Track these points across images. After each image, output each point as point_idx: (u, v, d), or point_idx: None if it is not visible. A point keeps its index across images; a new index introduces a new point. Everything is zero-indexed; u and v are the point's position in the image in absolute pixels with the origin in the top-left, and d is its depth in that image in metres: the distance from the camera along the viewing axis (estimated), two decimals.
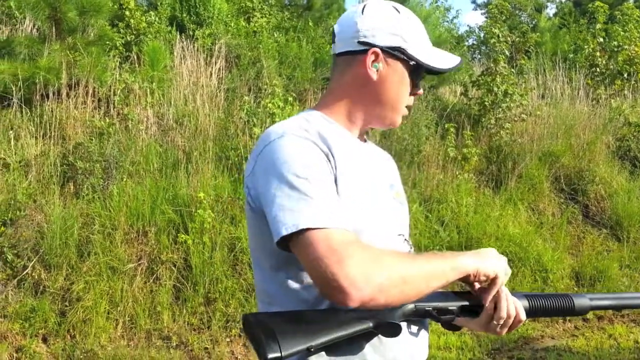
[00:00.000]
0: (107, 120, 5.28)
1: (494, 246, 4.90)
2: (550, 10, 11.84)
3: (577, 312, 1.31)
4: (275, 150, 1.15)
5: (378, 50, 1.26)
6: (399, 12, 1.29)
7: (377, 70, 1.27)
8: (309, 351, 1.03)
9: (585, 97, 6.91)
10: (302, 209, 1.06)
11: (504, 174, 5.86)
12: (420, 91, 1.34)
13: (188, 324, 4.26)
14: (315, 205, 1.07)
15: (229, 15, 6.75)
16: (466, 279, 1.18)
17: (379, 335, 1.13)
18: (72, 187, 4.88)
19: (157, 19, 6.37)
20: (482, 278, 1.18)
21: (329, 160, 1.16)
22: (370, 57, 1.26)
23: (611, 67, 7.15)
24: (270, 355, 0.99)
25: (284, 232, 1.06)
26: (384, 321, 1.10)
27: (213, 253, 4.47)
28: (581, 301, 1.30)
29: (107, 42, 5.87)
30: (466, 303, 1.23)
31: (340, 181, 1.16)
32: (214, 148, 5.24)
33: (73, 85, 5.44)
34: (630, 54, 7.06)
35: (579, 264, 5.27)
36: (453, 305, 1.22)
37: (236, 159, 5.15)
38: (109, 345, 4.10)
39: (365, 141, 1.35)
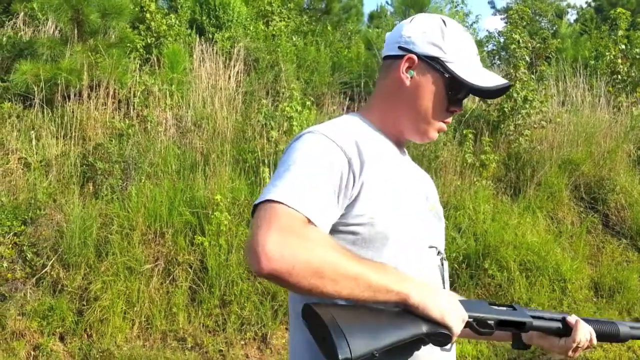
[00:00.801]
0: (127, 122, 5.34)
1: (512, 255, 4.88)
2: (571, 16, 11.76)
3: (621, 339, 1.39)
4: (297, 144, 1.18)
5: (414, 57, 1.26)
6: (445, 24, 1.28)
7: (411, 77, 1.27)
8: (373, 356, 1.01)
9: (607, 105, 6.82)
10: (278, 185, 1.09)
11: (523, 181, 5.80)
12: (460, 109, 1.31)
13: (203, 325, 4.28)
14: (290, 183, 1.09)
15: (248, 19, 6.79)
16: (404, 305, 1.09)
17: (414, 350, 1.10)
18: (91, 187, 4.93)
19: (177, 21, 6.43)
20: (425, 314, 1.08)
21: (352, 165, 1.16)
22: (405, 63, 1.27)
23: (633, 74, 7.04)
24: (342, 357, 0.98)
25: (256, 202, 1.08)
26: (436, 330, 1.07)
27: (229, 255, 4.49)
28: (624, 329, 1.38)
29: (128, 45, 5.94)
30: (507, 318, 1.21)
31: (367, 185, 1.16)
32: (231, 151, 5.26)
33: (94, 86, 5.50)
34: None
35: (598, 274, 5.20)
36: (492, 318, 1.19)
37: (253, 162, 5.16)
38: (125, 345, 4.13)
39: (404, 154, 1.36)
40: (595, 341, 1.34)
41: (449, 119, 1.33)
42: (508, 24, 7.02)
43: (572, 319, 1.33)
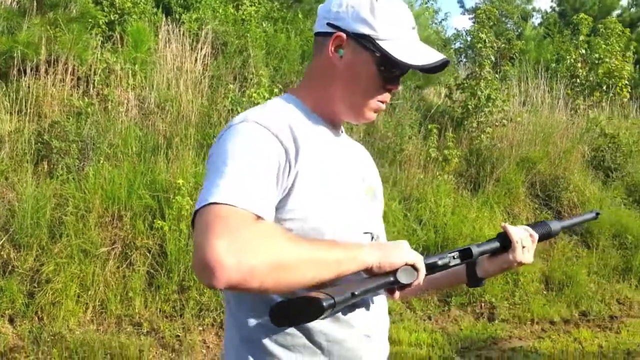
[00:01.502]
0: (86, 100, 5.17)
1: None
2: (536, 19, 12.02)
3: (554, 233, 1.45)
4: (229, 136, 1.10)
5: (343, 35, 1.17)
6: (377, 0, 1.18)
7: (340, 57, 1.18)
8: (353, 295, 1.04)
9: (565, 107, 7.04)
10: (219, 184, 1.01)
11: (483, 177, 5.93)
12: (397, 87, 1.23)
13: (160, 311, 4.21)
14: (232, 180, 1.02)
15: (217, 1, 6.65)
16: (369, 271, 1.09)
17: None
18: (46, 166, 4.77)
19: None
20: (387, 269, 1.09)
21: (288, 154, 1.10)
22: (334, 42, 1.17)
23: (591, 78, 7.29)
24: (326, 303, 0.98)
25: (195, 208, 1.01)
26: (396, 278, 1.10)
27: (189, 240, 4.42)
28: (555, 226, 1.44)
29: (90, 20, 5.74)
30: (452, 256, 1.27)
31: (301, 175, 1.10)
32: (195, 135, 5.18)
33: (52, 61, 5.31)
34: (610, 67, 7.20)
35: (549, 268, 5.38)
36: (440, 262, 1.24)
37: None
38: (78, 329, 4.02)
39: (339, 134, 1.27)
40: (536, 239, 1.37)
41: (387, 98, 1.24)
42: (475, 23, 7.14)
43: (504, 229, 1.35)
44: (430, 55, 1.18)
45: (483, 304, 4.91)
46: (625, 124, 7.36)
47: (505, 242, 1.34)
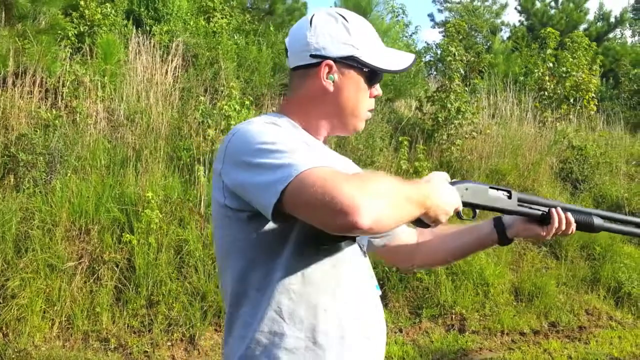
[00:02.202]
0: (54, 112, 5.10)
1: None
2: (505, 33, 12.27)
3: (595, 229, 1.54)
4: (242, 135, 1.18)
5: (331, 62, 1.26)
6: (347, 20, 1.28)
7: (332, 82, 1.28)
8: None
9: (533, 119, 7.17)
10: (284, 165, 1.08)
11: None
12: (379, 92, 1.35)
13: (128, 326, 4.15)
14: (293, 156, 1.09)
15: (188, 14, 6.65)
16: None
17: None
18: (12, 179, 4.68)
19: (113, 11, 6.19)
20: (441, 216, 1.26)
21: (304, 139, 1.22)
22: (324, 70, 1.27)
23: (559, 91, 7.44)
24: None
25: (280, 188, 1.06)
26: None
27: (158, 255, 4.37)
28: (598, 222, 1.53)
29: (59, 32, 5.68)
30: (497, 206, 1.45)
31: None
32: (165, 147, 5.14)
33: (20, 73, 5.23)
34: (577, 80, 7.36)
35: (519, 279, 5.44)
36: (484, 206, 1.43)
37: (188, 159, 5.06)
38: (44, 346, 3.94)
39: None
40: (574, 229, 1.46)
41: (373, 105, 1.36)
42: (445, 37, 7.25)
43: (553, 211, 1.45)
44: (404, 58, 1.33)
45: (454, 316, 4.93)
46: (592, 136, 7.52)
47: (546, 219, 1.46)
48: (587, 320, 5.34)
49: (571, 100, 7.36)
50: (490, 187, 1.44)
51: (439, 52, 8.19)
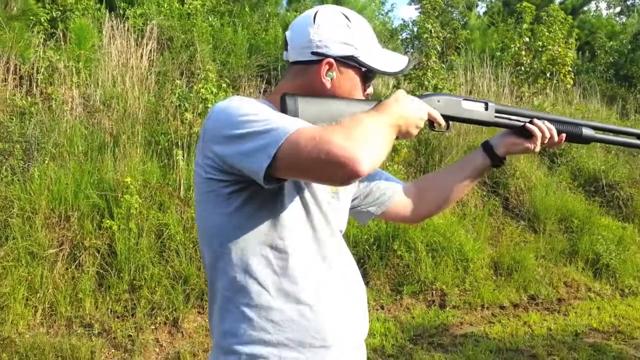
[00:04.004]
0: (29, 100, 5.05)
1: (419, 236, 5.08)
2: (481, 9, 12.25)
3: (583, 140, 1.56)
4: (223, 110, 1.22)
5: (332, 60, 1.31)
6: (349, 20, 1.34)
7: (331, 79, 1.33)
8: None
9: (510, 94, 7.22)
10: (270, 129, 1.13)
11: (432, 166, 6.05)
12: (371, 90, 1.42)
13: (111, 311, 4.17)
14: (276, 121, 1.14)
15: None
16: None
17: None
18: None
19: None
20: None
21: None
22: (324, 68, 1.32)
23: (535, 66, 7.48)
24: None
25: (272, 151, 1.11)
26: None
27: (139, 239, 4.38)
28: (587, 132, 1.54)
29: (31, 17, 5.59)
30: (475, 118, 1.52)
31: None
32: (143, 132, 5.11)
33: None
34: (553, 54, 7.41)
35: (498, 254, 5.53)
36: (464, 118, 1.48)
37: (166, 144, 5.05)
38: (27, 333, 3.95)
39: None
40: (557, 138, 1.53)
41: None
42: (421, 14, 7.24)
43: (534, 121, 1.53)
44: (399, 61, 1.40)
45: (434, 292, 5.02)
46: (569, 110, 7.60)
47: (526, 132, 1.50)
48: (565, 292, 5.45)
49: (548, 75, 7.41)
50: (465, 99, 1.46)
51: (415, 29, 8.18)
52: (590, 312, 5.08)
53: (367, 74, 1.36)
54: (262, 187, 1.18)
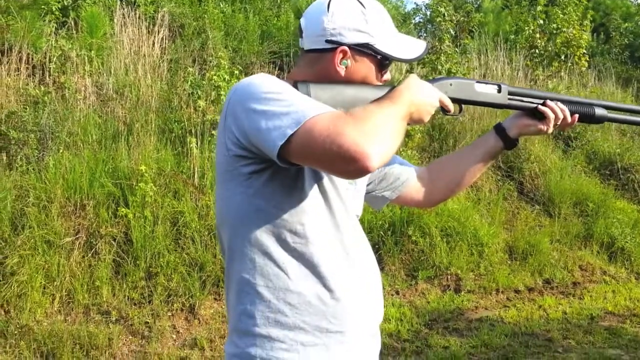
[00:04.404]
0: (43, 89, 5.07)
1: (434, 221, 5.07)
2: None
3: (596, 120, 1.54)
4: (247, 86, 1.21)
5: (346, 48, 1.30)
6: (364, 6, 1.31)
7: (345, 67, 1.31)
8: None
9: (524, 78, 7.13)
10: (290, 112, 1.12)
11: (446, 151, 6.02)
12: (388, 77, 1.39)
13: (128, 298, 4.21)
14: (298, 104, 1.14)
15: None
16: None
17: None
18: (4, 158, 4.67)
19: None
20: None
21: None
22: (338, 56, 1.30)
23: (549, 48, 7.38)
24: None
25: (289, 132, 1.10)
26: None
27: (155, 227, 4.41)
28: (600, 112, 1.53)
29: (43, 7, 5.60)
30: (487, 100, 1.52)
31: None
32: (156, 120, 5.12)
33: (5, 51, 5.17)
34: (568, 36, 7.30)
35: (513, 238, 5.50)
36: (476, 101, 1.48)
37: (180, 131, 5.05)
38: (45, 321, 4.00)
39: None
40: (570, 119, 1.53)
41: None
42: None
43: (547, 103, 1.52)
44: (415, 47, 1.37)
45: (449, 277, 5.01)
46: (584, 92, 7.50)
47: (539, 113, 1.49)
48: (581, 276, 5.43)
49: (562, 57, 7.31)
50: (478, 82, 1.44)
51: (428, 13, 8.09)
52: (606, 295, 5.06)
53: (382, 61, 1.33)
54: (281, 168, 1.18)
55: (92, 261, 4.28)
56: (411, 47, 1.37)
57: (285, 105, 1.13)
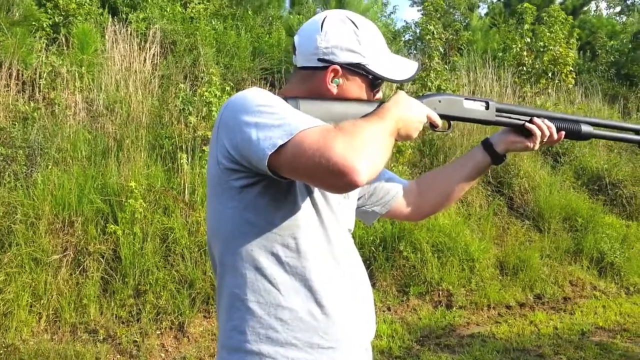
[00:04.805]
0: (32, 105, 5.04)
1: (425, 237, 5.07)
2: (482, 10, 12.28)
3: (583, 137, 1.56)
4: (240, 99, 1.22)
5: (338, 67, 1.31)
6: (357, 27, 1.33)
7: (337, 85, 1.32)
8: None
9: (512, 95, 7.21)
10: (282, 125, 1.12)
11: (436, 166, 6.04)
12: (380, 96, 1.40)
13: (116, 317, 4.15)
14: (289, 117, 1.14)
15: (164, 0, 6.56)
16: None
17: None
18: None
19: (87, 0, 6.10)
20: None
21: None
22: (330, 74, 1.31)
23: (537, 66, 7.48)
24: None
25: (279, 143, 1.10)
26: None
27: (144, 244, 4.37)
28: (586, 129, 1.55)
29: (34, 23, 5.60)
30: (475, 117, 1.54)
31: None
32: (147, 136, 5.10)
33: None
34: (555, 54, 7.41)
35: (503, 253, 5.51)
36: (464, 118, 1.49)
37: (170, 147, 5.04)
38: (32, 340, 3.93)
39: None
40: (556, 136, 1.54)
41: None
42: (424, 15, 7.24)
43: (534, 120, 1.54)
44: (407, 68, 1.39)
45: (440, 292, 5.00)
46: (571, 109, 7.59)
47: (526, 132, 1.52)
48: (571, 291, 5.43)
49: (549, 75, 7.41)
50: (466, 98, 1.46)
51: (417, 31, 8.18)
52: (596, 310, 5.07)
53: (374, 81, 1.35)
54: (272, 182, 1.18)
55: (79, 279, 4.22)
56: (403, 67, 1.38)
57: (277, 118, 1.13)
